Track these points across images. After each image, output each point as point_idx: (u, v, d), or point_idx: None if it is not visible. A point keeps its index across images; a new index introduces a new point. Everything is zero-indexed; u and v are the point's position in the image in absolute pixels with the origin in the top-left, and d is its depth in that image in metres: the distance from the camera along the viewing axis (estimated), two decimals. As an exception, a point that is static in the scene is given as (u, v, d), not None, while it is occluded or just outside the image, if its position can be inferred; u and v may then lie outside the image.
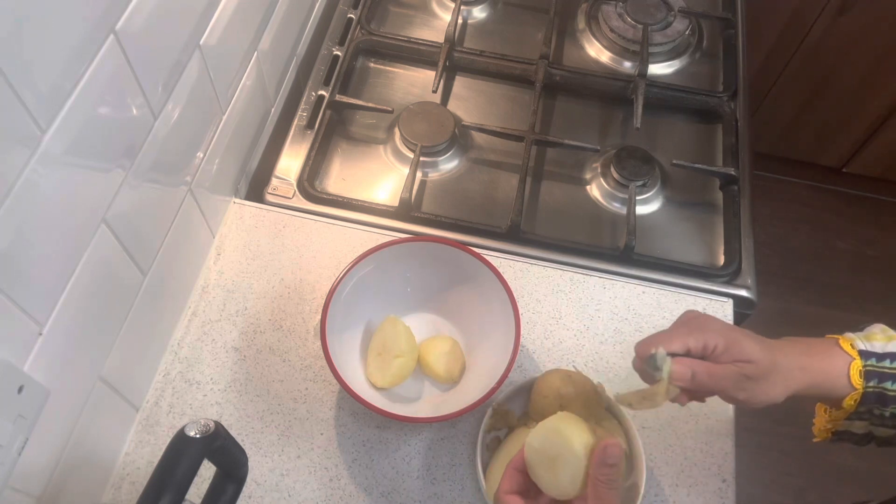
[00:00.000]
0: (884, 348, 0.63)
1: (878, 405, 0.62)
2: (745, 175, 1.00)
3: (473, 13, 1.17)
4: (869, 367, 0.62)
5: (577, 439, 0.57)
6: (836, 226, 2.16)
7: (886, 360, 0.62)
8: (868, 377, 0.62)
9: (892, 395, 0.61)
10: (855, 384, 0.62)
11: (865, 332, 0.65)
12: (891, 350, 0.62)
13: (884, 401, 0.62)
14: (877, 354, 0.62)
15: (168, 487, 0.50)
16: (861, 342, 0.64)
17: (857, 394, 0.62)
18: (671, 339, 0.62)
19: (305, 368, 0.83)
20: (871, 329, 0.65)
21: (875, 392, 0.62)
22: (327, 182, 0.99)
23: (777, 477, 1.77)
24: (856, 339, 0.64)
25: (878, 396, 0.62)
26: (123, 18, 0.59)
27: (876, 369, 0.62)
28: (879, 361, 0.62)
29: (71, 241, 0.59)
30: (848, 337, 0.65)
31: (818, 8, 1.65)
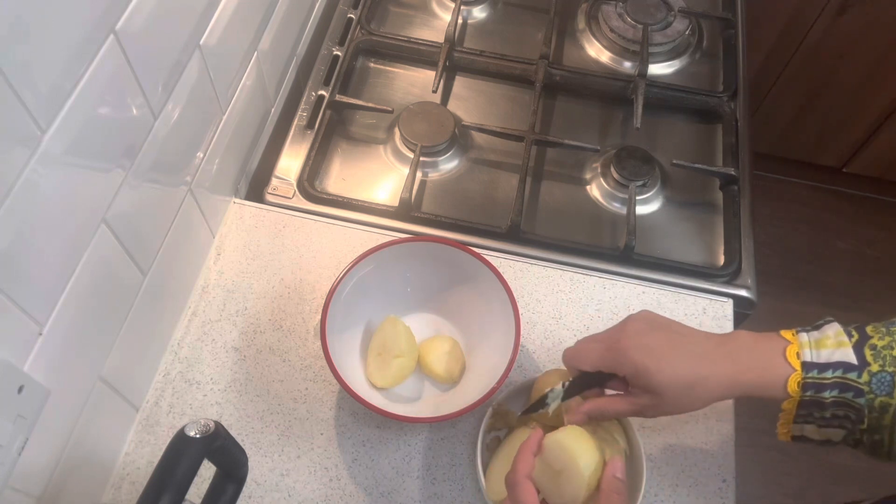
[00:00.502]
0: (829, 357, 0.62)
1: (817, 409, 0.62)
2: (745, 175, 1.00)
3: (473, 13, 1.17)
4: (809, 380, 0.61)
5: (582, 457, 0.61)
6: (836, 226, 2.16)
7: (828, 370, 0.61)
8: (805, 388, 0.61)
9: (828, 402, 0.61)
10: (791, 392, 0.62)
11: (820, 333, 0.64)
12: (836, 360, 0.61)
13: (821, 406, 0.62)
14: (819, 366, 0.62)
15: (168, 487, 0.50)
16: (809, 351, 0.63)
17: (793, 401, 0.62)
18: (586, 360, 0.68)
19: (305, 368, 0.83)
20: (826, 331, 0.64)
21: (811, 400, 0.62)
22: (327, 182, 0.99)
23: (777, 477, 1.77)
24: (805, 346, 0.63)
25: (814, 403, 0.62)
26: (123, 18, 0.59)
27: (815, 381, 0.61)
28: (821, 373, 0.61)
29: (71, 241, 0.59)
30: (799, 341, 0.64)
31: (818, 8, 1.65)
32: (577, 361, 0.69)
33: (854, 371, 0.61)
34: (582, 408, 0.68)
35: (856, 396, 0.60)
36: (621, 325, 0.68)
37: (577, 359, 0.69)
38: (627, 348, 0.65)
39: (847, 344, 0.62)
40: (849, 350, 0.62)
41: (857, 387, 0.60)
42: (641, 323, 0.67)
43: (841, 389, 0.61)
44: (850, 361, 0.61)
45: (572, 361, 0.69)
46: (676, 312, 0.89)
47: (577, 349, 0.70)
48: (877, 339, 0.62)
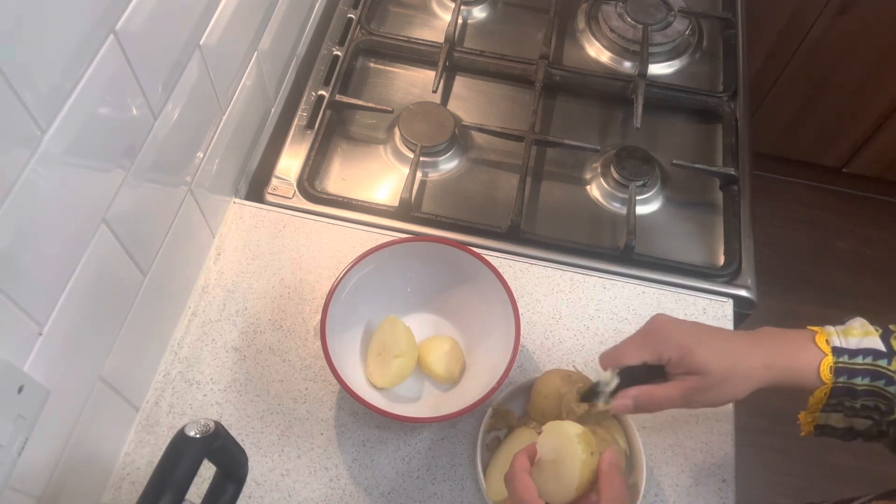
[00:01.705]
0: (858, 344, 0.63)
1: (849, 398, 0.63)
2: (745, 175, 1.00)
3: (473, 13, 1.17)
4: (840, 364, 0.62)
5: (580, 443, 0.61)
6: (836, 226, 2.16)
7: (859, 356, 0.62)
8: (838, 373, 0.62)
9: (861, 390, 0.62)
10: (824, 379, 0.63)
11: (845, 325, 0.66)
12: (865, 346, 0.63)
13: (853, 394, 0.63)
14: (849, 351, 0.63)
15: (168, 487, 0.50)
16: (837, 338, 0.64)
17: (826, 388, 0.63)
18: (627, 353, 0.66)
19: (305, 368, 0.83)
20: (852, 323, 0.66)
21: (844, 386, 0.62)
22: (327, 182, 0.99)
23: (777, 477, 1.77)
24: (833, 334, 0.65)
25: (847, 390, 0.63)
26: (123, 18, 0.59)
27: (847, 366, 0.62)
28: (851, 358, 0.62)
29: (71, 240, 0.59)
30: (826, 331, 0.65)
31: (818, 8, 1.65)
32: (619, 358, 0.67)
33: (883, 358, 0.62)
34: (629, 392, 0.66)
35: (887, 384, 0.61)
36: (650, 321, 0.68)
37: (618, 356, 0.67)
38: (668, 332, 0.65)
39: (874, 333, 0.64)
40: (876, 338, 0.63)
41: (889, 374, 0.61)
42: (668, 317, 0.67)
43: (872, 377, 0.62)
44: (879, 349, 0.62)
45: (614, 360, 0.67)
46: (676, 312, 0.89)
47: (615, 349, 0.68)
48: None
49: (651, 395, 0.65)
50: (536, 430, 0.75)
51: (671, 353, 0.64)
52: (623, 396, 0.66)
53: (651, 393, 0.65)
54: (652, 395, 0.65)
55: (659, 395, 0.65)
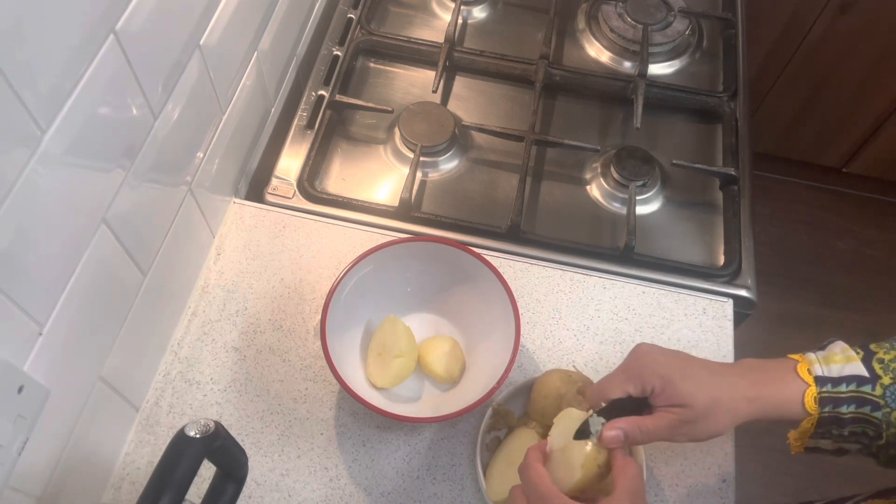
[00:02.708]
0: (840, 371, 0.62)
1: (836, 427, 0.62)
2: (745, 175, 1.00)
3: (473, 13, 1.17)
4: (824, 394, 0.61)
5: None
6: (836, 226, 2.16)
7: (842, 384, 0.61)
8: (823, 403, 0.61)
9: (847, 418, 0.61)
10: (810, 410, 0.62)
11: (826, 351, 0.65)
12: (847, 373, 0.62)
13: (840, 423, 0.62)
14: (833, 379, 0.62)
15: (168, 487, 0.50)
16: (819, 366, 0.63)
17: (812, 419, 0.62)
18: (611, 387, 0.66)
19: (305, 368, 0.83)
20: (832, 349, 0.65)
21: (830, 416, 0.61)
22: (327, 182, 0.99)
23: (777, 477, 1.77)
24: (815, 362, 0.63)
25: (833, 419, 0.62)
26: (123, 18, 0.59)
27: (831, 395, 0.61)
28: (835, 386, 0.61)
29: (71, 240, 0.59)
30: (808, 359, 0.64)
31: (818, 8, 1.65)
32: (604, 393, 0.66)
33: (867, 384, 0.61)
34: (617, 423, 0.64)
35: (873, 410, 0.60)
36: (631, 354, 0.67)
37: (602, 391, 0.67)
38: (648, 364, 0.65)
39: (856, 358, 0.62)
40: (858, 364, 0.62)
41: (874, 400, 0.60)
42: (650, 347, 0.67)
43: (858, 404, 0.61)
44: (863, 374, 0.61)
45: (599, 395, 0.67)
46: (676, 312, 0.89)
47: (599, 385, 0.68)
48: (882, 353, 0.62)
49: (640, 426, 0.64)
50: (537, 430, 0.75)
51: (654, 383, 0.64)
52: (611, 427, 0.64)
53: (640, 423, 0.64)
54: (641, 425, 0.64)
55: (649, 426, 0.64)
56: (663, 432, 0.64)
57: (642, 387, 0.65)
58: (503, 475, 0.73)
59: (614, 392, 0.66)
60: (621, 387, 0.65)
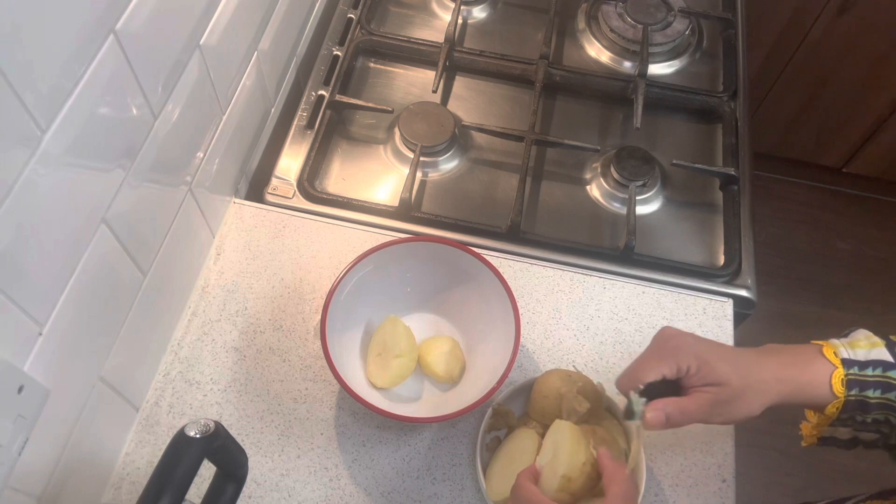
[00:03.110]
0: (867, 356, 0.62)
1: (860, 412, 0.62)
2: (745, 175, 1.00)
3: (473, 13, 1.17)
4: (851, 377, 0.61)
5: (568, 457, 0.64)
6: (836, 226, 2.16)
7: (868, 367, 0.61)
8: (850, 386, 0.61)
9: (873, 403, 0.61)
10: (837, 393, 0.61)
11: (850, 338, 0.65)
12: (873, 358, 0.62)
13: (865, 408, 0.62)
14: (859, 363, 0.62)
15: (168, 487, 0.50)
16: (845, 350, 0.63)
17: (838, 402, 0.62)
18: (646, 370, 0.64)
19: (305, 368, 0.83)
20: (856, 335, 0.65)
21: (857, 400, 0.61)
22: (327, 182, 0.99)
23: (777, 477, 1.77)
24: (840, 346, 0.63)
25: (859, 404, 0.62)
26: (123, 18, 0.59)
27: (858, 378, 0.61)
28: (861, 370, 0.61)
29: (71, 240, 0.59)
30: (832, 344, 0.64)
31: (818, 8, 1.65)
32: (638, 377, 0.65)
33: (893, 369, 0.61)
34: (658, 404, 0.63)
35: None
36: (656, 337, 0.66)
37: (636, 376, 0.65)
38: (682, 344, 0.64)
39: (880, 344, 0.63)
40: (883, 349, 0.62)
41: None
42: (675, 330, 0.66)
43: (884, 389, 0.61)
44: (888, 360, 0.61)
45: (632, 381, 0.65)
46: (676, 312, 0.89)
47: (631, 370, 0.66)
48: None
49: (682, 407, 0.63)
50: (537, 430, 0.75)
51: (690, 362, 0.63)
52: (654, 409, 0.63)
53: (680, 404, 0.63)
54: (682, 406, 0.63)
55: (689, 406, 0.63)
56: (702, 413, 0.63)
57: (678, 367, 0.63)
58: (503, 475, 0.73)
59: (650, 375, 0.64)
60: (656, 369, 0.64)
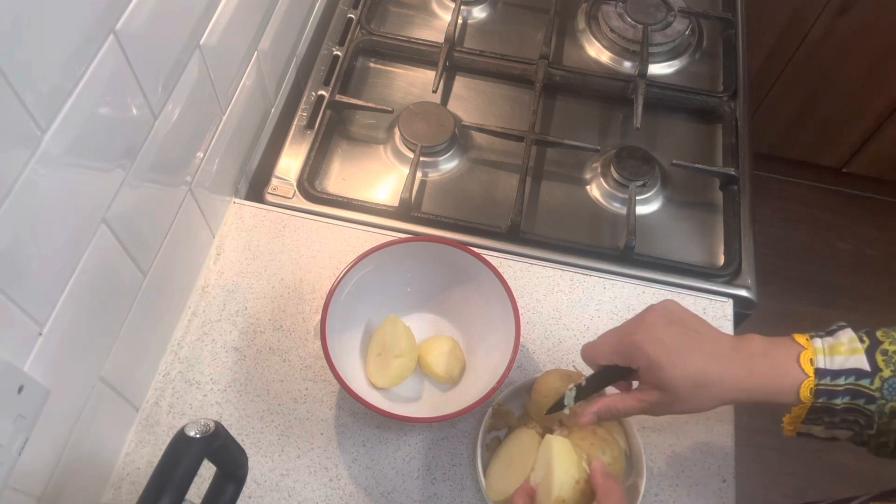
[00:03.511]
0: (843, 364, 0.61)
1: (827, 415, 0.62)
2: (745, 175, 1.00)
3: (473, 13, 1.17)
4: (821, 387, 0.61)
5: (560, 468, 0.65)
6: (836, 226, 2.16)
7: (841, 377, 0.61)
8: (818, 395, 0.61)
9: (839, 408, 0.61)
10: (803, 399, 0.61)
11: (834, 339, 0.64)
12: (849, 367, 0.61)
13: (832, 412, 0.62)
14: (832, 372, 0.61)
15: (168, 487, 0.50)
16: (822, 358, 0.62)
17: (803, 407, 0.62)
18: (602, 354, 0.69)
19: (305, 368, 0.83)
20: (840, 337, 0.64)
21: (823, 406, 0.61)
22: (327, 182, 0.99)
23: (777, 477, 1.77)
24: (819, 352, 0.63)
25: (825, 409, 0.62)
26: (123, 18, 0.59)
27: (828, 388, 0.61)
28: (833, 379, 0.61)
29: (71, 241, 0.59)
30: (814, 347, 0.63)
31: (818, 8, 1.65)
32: (593, 355, 0.69)
33: (867, 378, 0.60)
34: (590, 408, 0.68)
35: (867, 403, 0.60)
36: (640, 316, 0.68)
37: (593, 352, 0.69)
38: (641, 341, 0.65)
39: (860, 350, 0.62)
40: (862, 357, 0.61)
41: (869, 393, 0.60)
42: (659, 315, 0.66)
43: (853, 396, 0.61)
44: (863, 368, 0.61)
45: (590, 355, 0.70)
46: (676, 312, 0.89)
47: (595, 343, 0.70)
48: (888, 343, 0.62)
49: (612, 408, 0.68)
50: (537, 431, 0.75)
51: (641, 363, 0.65)
52: (586, 413, 0.68)
53: (612, 406, 0.68)
54: (612, 407, 0.68)
55: (620, 408, 0.67)
56: (635, 412, 0.67)
57: (629, 362, 0.66)
58: (503, 475, 0.73)
59: (602, 359, 0.69)
60: (610, 356, 0.68)
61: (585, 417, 0.68)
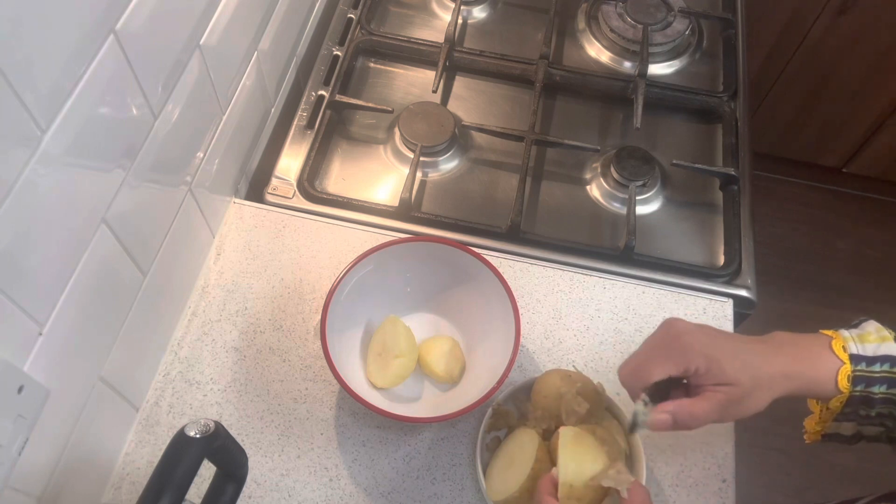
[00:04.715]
0: (875, 351, 0.61)
1: (864, 407, 0.62)
2: (745, 175, 1.00)
3: (473, 13, 1.17)
4: (858, 373, 0.61)
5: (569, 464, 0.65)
6: (836, 226, 2.16)
7: (876, 363, 0.61)
8: (856, 382, 0.61)
9: (878, 398, 0.61)
10: (842, 388, 0.61)
11: (860, 329, 0.64)
12: (882, 353, 0.61)
13: (870, 403, 0.61)
14: (867, 358, 0.61)
15: (168, 487, 0.50)
16: (854, 344, 0.62)
17: (843, 397, 0.61)
18: (652, 369, 0.63)
19: (305, 368, 0.83)
20: (866, 327, 0.64)
21: (861, 395, 0.61)
22: (327, 182, 0.99)
23: (777, 477, 1.77)
24: (849, 339, 0.63)
25: (863, 399, 0.61)
26: (123, 18, 0.59)
27: (864, 374, 0.61)
28: (869, 366, 0.61)
29: (71, 240, 0.59)
30: (842, 336, 0.63)
31: (818, 8, 1.65)
32: (643, 375, 0.63)
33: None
34: (665, 406, 0.62)
35: None
36: (666, 327, 0.64)
37: (641, 373, 0.64)
38: (691, 343, 0.62)
39: (889, 338, 0.62)
40: (892, 343, 0.61)
41: None
42: (681, 323, 0.64)
43: (889, 385, 0.60)
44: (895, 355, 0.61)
45: (637, 378, 0.64)
46: (676, 312, 0.89)
47: (636, 365, 0.64)
48: None
49: (690, 411, 0.61)
50: (537, 430, 0.75)
51: (698, 363, 0.61)
52: (660, 411, 0.62)
53: (689, 408, 0.61)
54: (691, 410, 0.61)
55: (698, 411, 0.61)
56: (713, 415, 0.61)
57: (685, 367, 0.62)
58: (503, 475, 0.73)
59: (656, 374, 0.63)
60: (663, 369, 0.62)
61: (662, 416, 0.62)
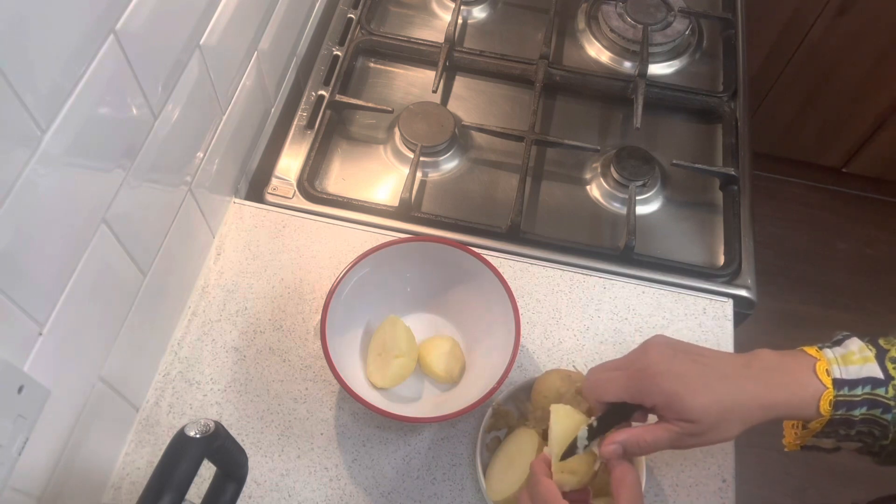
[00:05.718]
0: (858, 373, 0.61)
1: (844, 427, 0.61)
2: (745, 175, 1.00)
3: (473, 13, 1.17)
4: (840, 398, 0.60)
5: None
6: (836, 226, 2.16)
7: (858, 387, 0.60)
8: (837, 406, 0.60)
9: (857, 420, 0.60)
10: (823, 412, 0.60)
11: (844, 349, 0.63)
12: (864, 375, 0.60)
13: (850, 424, 0.61)
14: (850, 382, 0.60)
15: (168, 487, 0.50)
16: (837, 367, 0.61)
17: (823, 420, 0.61)
18: (610, 389, 0.64)
19: (305, 368, 0.83)
20: (849, 346, 0.63)
21: (842, 418, 0.61)
22: (327, 182, 0.99)
23: (777, 477, 1.77)
24: (833, 362, 0.62)
25: (844, 421, 0.61)
26: (123, 18, 0.59)
27: (846, 398, 0.60)
28: (851, 389, 0.60)
29: (71, 241, 0.59)
30: (826, 358, 0.62)
31: (818, 8, 1.65)
32: (600, 392, 0.64)
33: (881, 387, 0.60)
34: (616, 437, 0.62)
35: (883, 412, 0.60)
36: (641, 352, 0.64)
37: (599, 390, 0.64)
38: (655, 375, 0.61)
39: (872, 359, 0.61)
40: (874, 365, 0.61)
41: (885, 402, 0.60)
42: (663, 347, 0.63)
43: (870, 406, 0.60)
44: (878, 376, 0.60)
45: (594, 393, 0.65)
46: (676, 312, 0.89)
47: (598, 380, 0.65)
48: (894, 351, 0.61)
49: (640, 441, 0.62)
50: (537, 430, 0.75)
51: (656, 399, 0.61)
52: (611, 441, 0.62)
53: (640, 437, 0.62)
54: (641, 439, 0.62)
55: (648, 440, 0.62)
56: (665, 445, 0.62)
57: (641, 401, 0.62)
58: (503, 475, 0.73)
59: (611, 397, 0.64)
60: (619, 393, 0.63)
61: (610, 447, 0.62)
